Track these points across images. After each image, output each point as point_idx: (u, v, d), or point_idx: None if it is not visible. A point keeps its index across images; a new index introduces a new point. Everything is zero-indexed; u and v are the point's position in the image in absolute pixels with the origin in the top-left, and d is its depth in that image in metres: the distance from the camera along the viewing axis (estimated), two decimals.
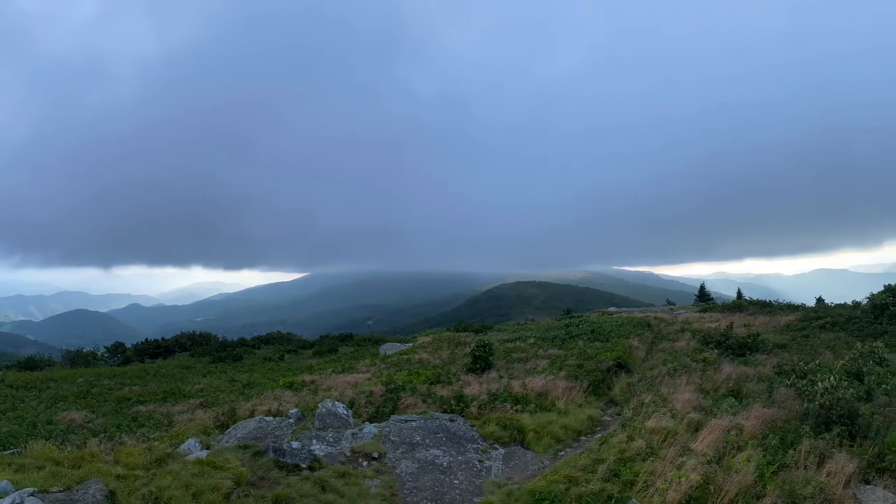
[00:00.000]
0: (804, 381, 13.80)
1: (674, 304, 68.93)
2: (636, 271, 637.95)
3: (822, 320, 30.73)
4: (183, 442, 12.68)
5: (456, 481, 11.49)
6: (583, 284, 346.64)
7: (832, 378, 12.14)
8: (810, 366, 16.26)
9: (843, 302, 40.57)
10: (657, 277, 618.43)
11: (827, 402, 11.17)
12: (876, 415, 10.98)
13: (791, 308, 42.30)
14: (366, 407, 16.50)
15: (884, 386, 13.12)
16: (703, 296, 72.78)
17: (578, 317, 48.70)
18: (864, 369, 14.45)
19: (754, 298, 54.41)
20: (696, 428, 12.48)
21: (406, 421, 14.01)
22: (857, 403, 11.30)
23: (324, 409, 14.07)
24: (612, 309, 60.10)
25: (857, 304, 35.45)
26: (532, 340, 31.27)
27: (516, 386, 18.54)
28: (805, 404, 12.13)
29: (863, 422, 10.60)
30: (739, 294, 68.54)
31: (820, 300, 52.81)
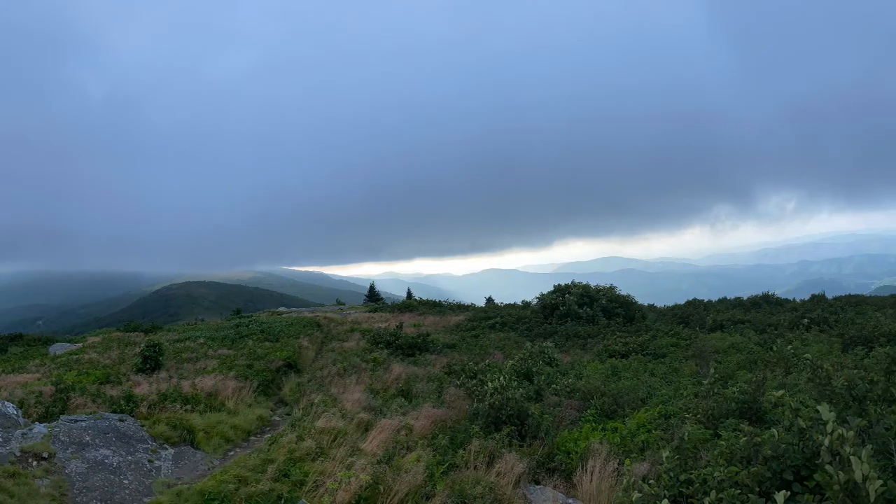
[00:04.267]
0: (474, 381, 14.69)
1: (343, 304, 70.96)
2: (306, 271, 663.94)
3: (491, 320, 33.48)
4: None
5: (126, 481, 11.92)
6: (253, 285, 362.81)
7: (502, 378, 13.00)
8: (480, 366, 17.47)
9: (513, 302, 44.86)
10: (327, 277, 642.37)
11: (497, 403, 11.88)
12: (546, 415, 11.98)
13: (461, 308, 45.88)
14: (36, 407, 16.37)
15: (553, 386, 14.47)
16: (372, 296, 75.96)
17: (248, 317, 49.95)
18: (534, 369, 15.85)
19: (424, 298, 58.17)
20: (366, 428, 13.09)
21: (76, 421, 14.26)
22: (527, 404, 12.22)
23: None
24: (282, 309, 60.90)
25: (526, 304, 39.27)
26: (202, 340, 31.88)
27: (186, 386, 19.10)
28: (475, 404, 12.83)
29: (532, 422, 11.46)
30: (409, 294, 72.91)
31: (490, 300, 57.87)
